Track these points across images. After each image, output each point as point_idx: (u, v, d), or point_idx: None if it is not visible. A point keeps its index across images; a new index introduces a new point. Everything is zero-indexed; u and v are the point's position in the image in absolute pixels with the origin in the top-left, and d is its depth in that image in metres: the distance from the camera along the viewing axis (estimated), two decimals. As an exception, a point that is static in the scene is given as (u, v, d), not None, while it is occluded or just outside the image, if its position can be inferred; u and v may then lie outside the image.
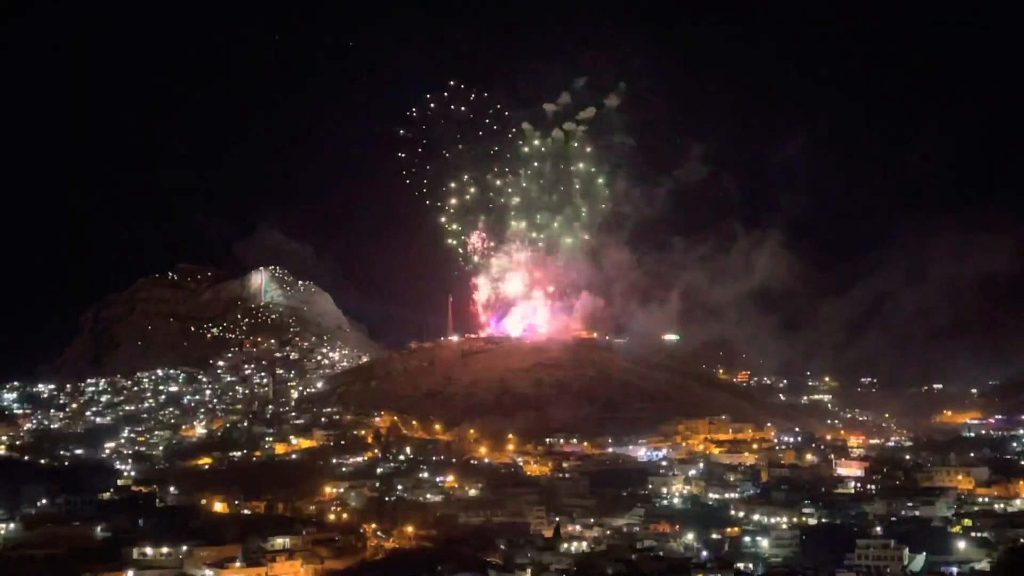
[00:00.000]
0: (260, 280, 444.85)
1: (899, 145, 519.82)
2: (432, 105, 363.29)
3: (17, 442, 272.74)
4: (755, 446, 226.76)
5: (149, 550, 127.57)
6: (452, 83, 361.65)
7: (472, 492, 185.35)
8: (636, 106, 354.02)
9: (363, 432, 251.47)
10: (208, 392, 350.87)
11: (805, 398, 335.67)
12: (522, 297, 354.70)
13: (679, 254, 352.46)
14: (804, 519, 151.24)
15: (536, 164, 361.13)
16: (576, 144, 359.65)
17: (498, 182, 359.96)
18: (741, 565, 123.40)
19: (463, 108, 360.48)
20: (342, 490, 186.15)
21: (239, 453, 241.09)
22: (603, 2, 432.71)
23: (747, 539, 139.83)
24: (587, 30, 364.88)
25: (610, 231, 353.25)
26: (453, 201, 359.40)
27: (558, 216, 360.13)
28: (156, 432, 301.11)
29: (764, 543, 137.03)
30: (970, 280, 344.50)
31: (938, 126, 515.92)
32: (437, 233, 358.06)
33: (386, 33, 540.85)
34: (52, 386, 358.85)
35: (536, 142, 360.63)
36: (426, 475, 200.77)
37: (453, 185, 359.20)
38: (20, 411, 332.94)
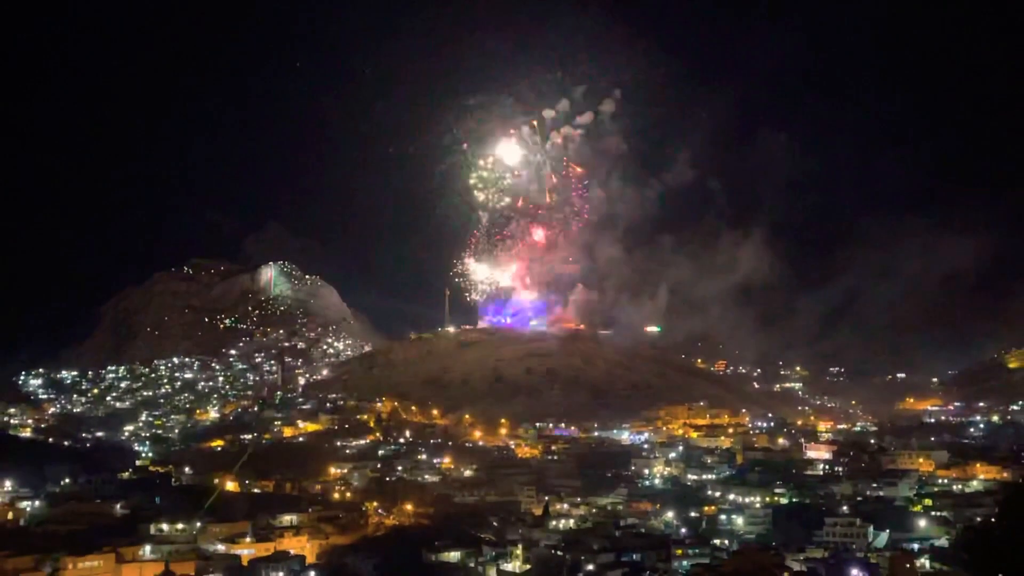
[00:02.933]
0: (269, 274, 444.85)
1: (871, 150, 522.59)
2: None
3: (42, 425, 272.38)
4: (731, 430, 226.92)
5: (165, 526, 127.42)
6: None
7: (467, 473, 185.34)
8: (629, 113, 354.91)
9: (365, 417, 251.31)
10: (221, 379, 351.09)
11: (778, 386, 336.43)
12: (518, 290, 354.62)
13: (667, 252, 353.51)
14: (776, 499, 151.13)
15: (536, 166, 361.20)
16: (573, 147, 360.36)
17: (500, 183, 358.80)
18: (717, 541, 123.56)
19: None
20: (346, 471, 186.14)
21: (250, 436, 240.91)
22: (601, 16, 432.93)
23: (723, 517, 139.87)
24: (586, 41, 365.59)
25: (603, 229, 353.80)
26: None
27: (556, 214, 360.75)
28: (172, 416, 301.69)
29: (739, 521, 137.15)
30: (935, 277, 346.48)
31: (908, 132, 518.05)
32: (441, 227, 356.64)
33: (394, 40, 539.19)
34: (75, 373, 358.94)
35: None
36: (424, 457, 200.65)
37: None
38: (45, 396, 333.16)
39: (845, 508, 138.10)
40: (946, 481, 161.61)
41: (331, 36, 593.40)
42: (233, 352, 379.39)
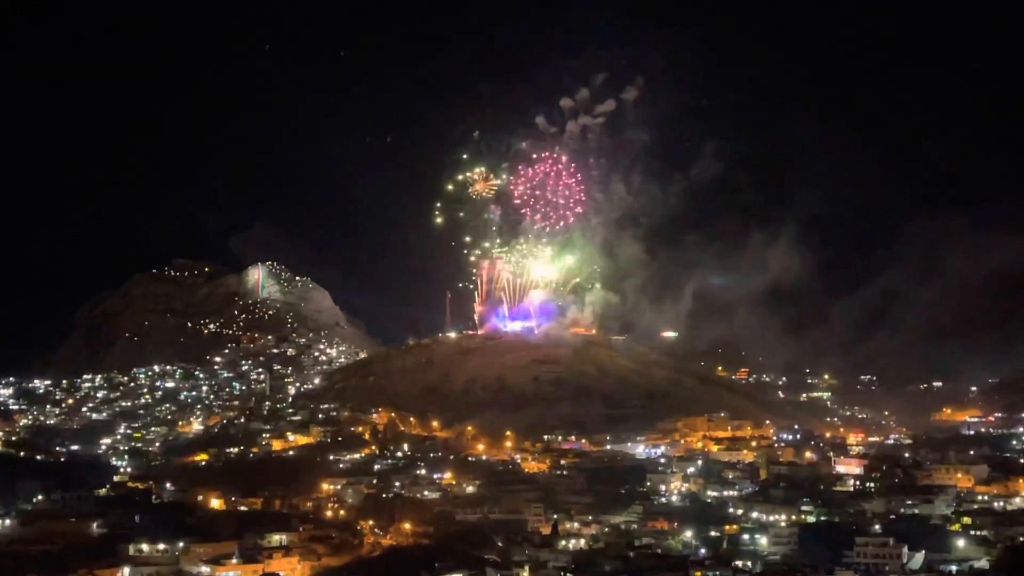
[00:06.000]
0: (257, 276, 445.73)
1: (914, 141, 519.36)
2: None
3: (13, 438, 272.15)
4: (754, 443, 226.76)
5: (145, 546, 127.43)
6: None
7: (470, 489, 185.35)
8: (652, 101, 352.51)
9: (360, 429, 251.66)
10: (205, 388, 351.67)
11: (804, 395, 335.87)
12: (532, 291, 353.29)
13: (691, 251, 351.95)
14: (803, 517, 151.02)
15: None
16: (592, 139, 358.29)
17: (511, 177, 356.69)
18: (739, 563, 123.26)
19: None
20: (339, 487, 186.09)
21: (236, 449, 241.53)
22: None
23: (745, 537, 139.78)
24: (606, 26, 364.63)
25: (624, 227, 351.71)
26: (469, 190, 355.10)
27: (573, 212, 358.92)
28: (152, 428, 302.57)
29: (762, 541, 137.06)
30: (977, 278, 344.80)
31: (953, 122, 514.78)
32: (449, 226, 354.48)
33: (397, 23, 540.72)
34: (48, 382, 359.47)
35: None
36: (423, 472, 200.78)
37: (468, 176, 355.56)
38: (16, 407, 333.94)
39: (877, 527, 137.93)
40: (986, 498, 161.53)
41: (327, 17, 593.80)
42: (218, 359, 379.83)
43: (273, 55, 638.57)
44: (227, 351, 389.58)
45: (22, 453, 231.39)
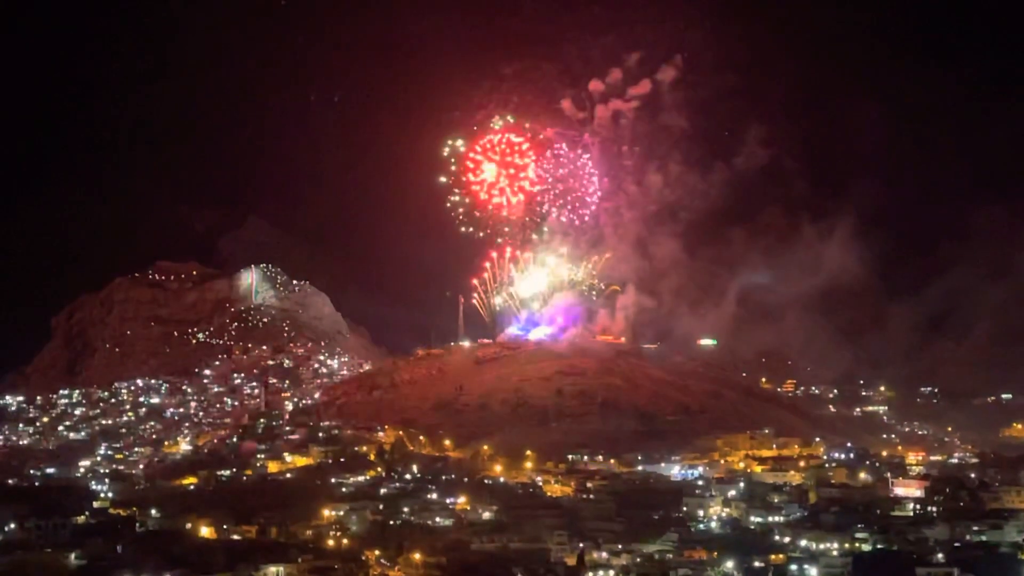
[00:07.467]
0: (251, 279, 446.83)
1: (982, 125, 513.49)
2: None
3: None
4: (802, 463, 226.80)
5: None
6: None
7: (486, 515, 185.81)
8: (691, 83, 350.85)
9: (365, 448, 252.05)
10: (193, 404, 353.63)
11: (858, 410, 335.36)
12: (556, 294, 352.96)
13: (735, 249, 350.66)
14: (857, 545, 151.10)
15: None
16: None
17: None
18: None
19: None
20: (342, 513, 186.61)
21: (228, 472, 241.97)
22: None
23: (793, 567, 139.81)
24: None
25: (660, 222, 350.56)
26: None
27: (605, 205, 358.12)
28: (136, 449, 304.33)
29: (812, 572, 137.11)
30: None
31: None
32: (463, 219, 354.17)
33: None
34: (20, 398, 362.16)
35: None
36: (435, 496, 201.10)
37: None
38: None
39: (940, 556, 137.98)
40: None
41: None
42: (208, 372, 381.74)
43: (271, 40, 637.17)
44: (218, 363, 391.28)
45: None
